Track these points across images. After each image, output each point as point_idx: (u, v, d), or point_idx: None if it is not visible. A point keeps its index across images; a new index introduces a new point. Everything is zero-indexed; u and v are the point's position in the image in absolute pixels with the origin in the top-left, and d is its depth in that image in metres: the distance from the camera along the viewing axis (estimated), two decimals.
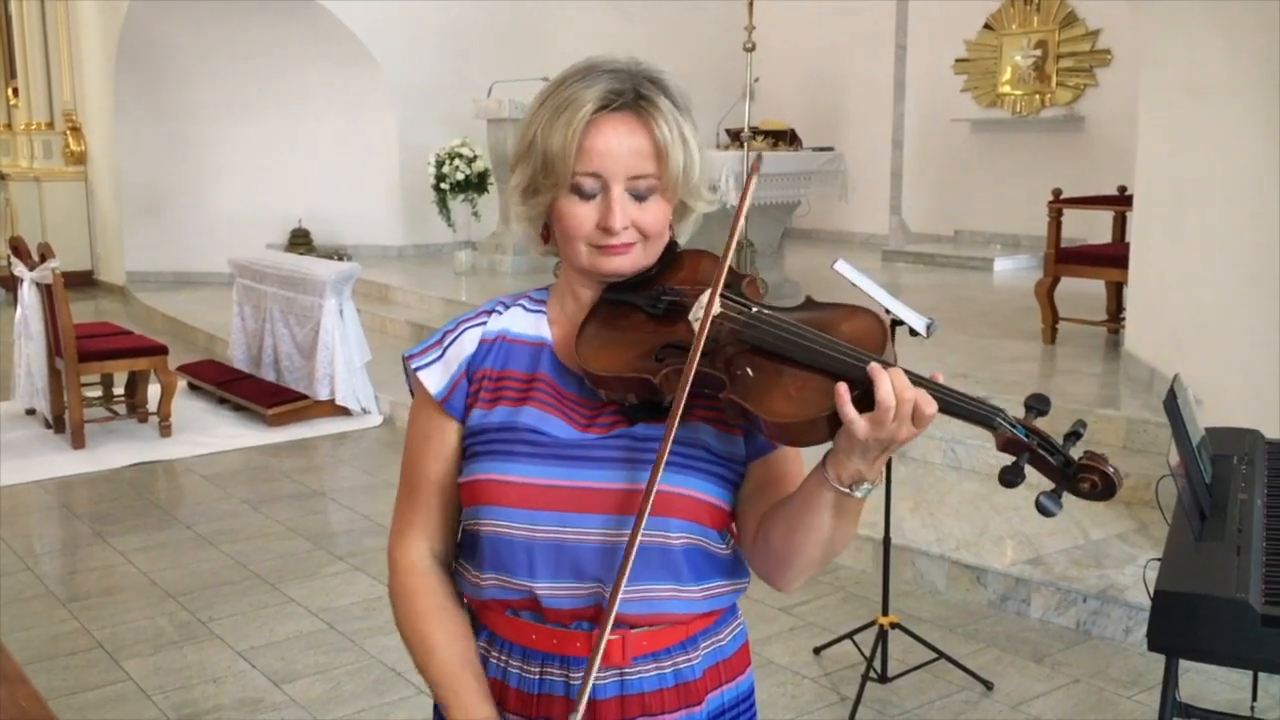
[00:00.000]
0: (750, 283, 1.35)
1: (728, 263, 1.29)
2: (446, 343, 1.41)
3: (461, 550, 1.44)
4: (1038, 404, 1.18)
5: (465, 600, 1.46)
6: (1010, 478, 1.16)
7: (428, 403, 1.40)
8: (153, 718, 3.33)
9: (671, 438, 1.25)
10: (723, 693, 1.42)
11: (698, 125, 1.36)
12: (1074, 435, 1.18)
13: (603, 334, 1.34)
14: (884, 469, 1.26)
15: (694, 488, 1.33)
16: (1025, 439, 1.16)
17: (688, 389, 1.24)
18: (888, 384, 1.15)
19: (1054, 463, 1.16)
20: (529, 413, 1.35)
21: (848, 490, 1.21)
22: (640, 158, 1.31)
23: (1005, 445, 1.17)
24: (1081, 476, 1.15)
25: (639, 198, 1.32)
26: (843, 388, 1.16)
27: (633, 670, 1.35)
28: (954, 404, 1.17)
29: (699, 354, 1.25)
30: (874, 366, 1.17)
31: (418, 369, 1.41)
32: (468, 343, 1.41)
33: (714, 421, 1.35)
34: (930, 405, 1.16)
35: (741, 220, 1.34)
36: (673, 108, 1.33)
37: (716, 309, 1.28)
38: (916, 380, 1.17)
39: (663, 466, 1.26)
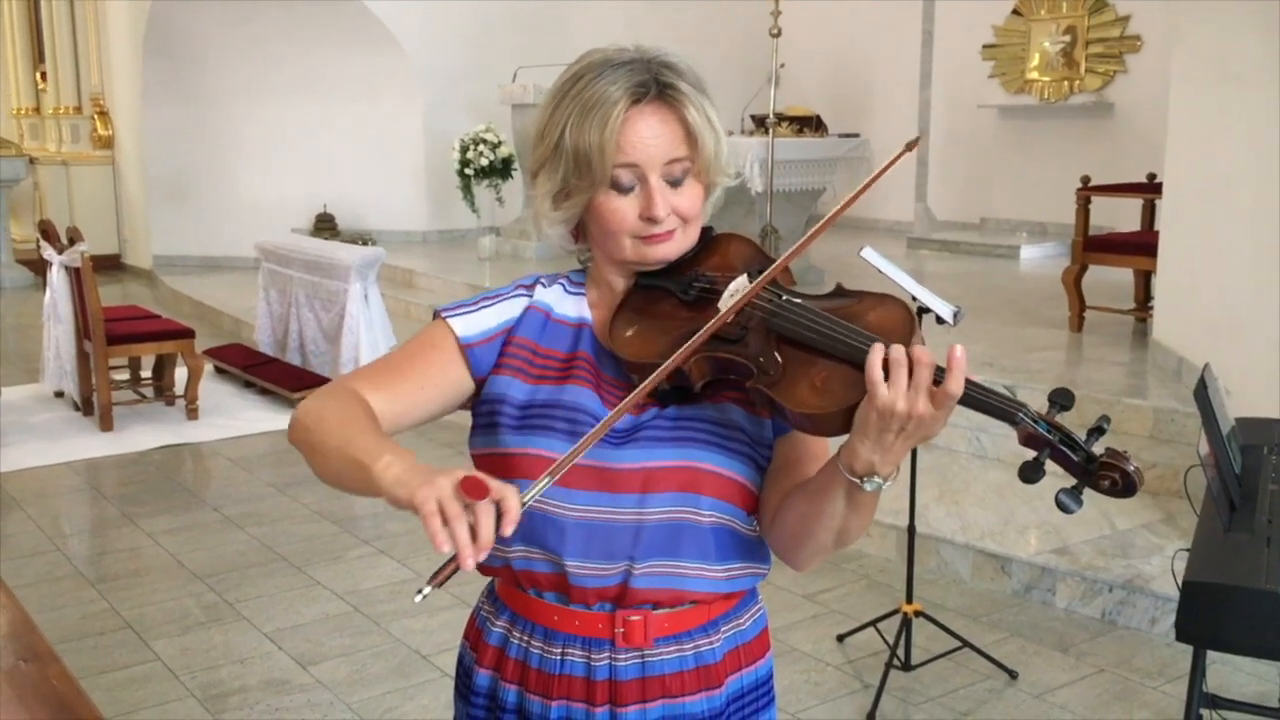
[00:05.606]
0: (783, 269, 1.34)
1: (777, 268, 1.29)
2: (484, 304, 1.42)
3: None
4: (1061, 399, 1.17)
5: (490, 580, 1.46)
6: (1030, 474, 1.15)
7: (449, 336, 1.39)
8: (180, 697, 3.37)
9: (625, 409, 1.24)
10: (742, 676, 1.43)
11: (714, 103, 1.35)
12: (1098, 430, 1.16)
13: (635, 321, 1.35)
14: (902, 465, 1.23)
15: (728, 467, 1.34)
16: (1047, 434, 1.15)
17: (662, 376, 1.24)
18: (899, 347, 1.15)
19: (1075, 459, 1.15)
20: (571, 390, 1.35)
21: (858, 481, 1.20)
22: (674, 144, 1.32)
23: (1027, 440, 1.16)
24: (1102, 473, 1.14)
25: (674, 183, 1.33)
26: (879, 346, 1.16)
27: (654, 652, 1.36)
28: (977, 397, 1.16)
29: (702, 340, 1.24)
30: (878, 344, 1.16)
31: (447, 316, 1.40)
32: (513, 307, 1.41)
33: (743, 404, 1.35)
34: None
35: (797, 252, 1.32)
36: (694, 90, 1.33)
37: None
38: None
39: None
